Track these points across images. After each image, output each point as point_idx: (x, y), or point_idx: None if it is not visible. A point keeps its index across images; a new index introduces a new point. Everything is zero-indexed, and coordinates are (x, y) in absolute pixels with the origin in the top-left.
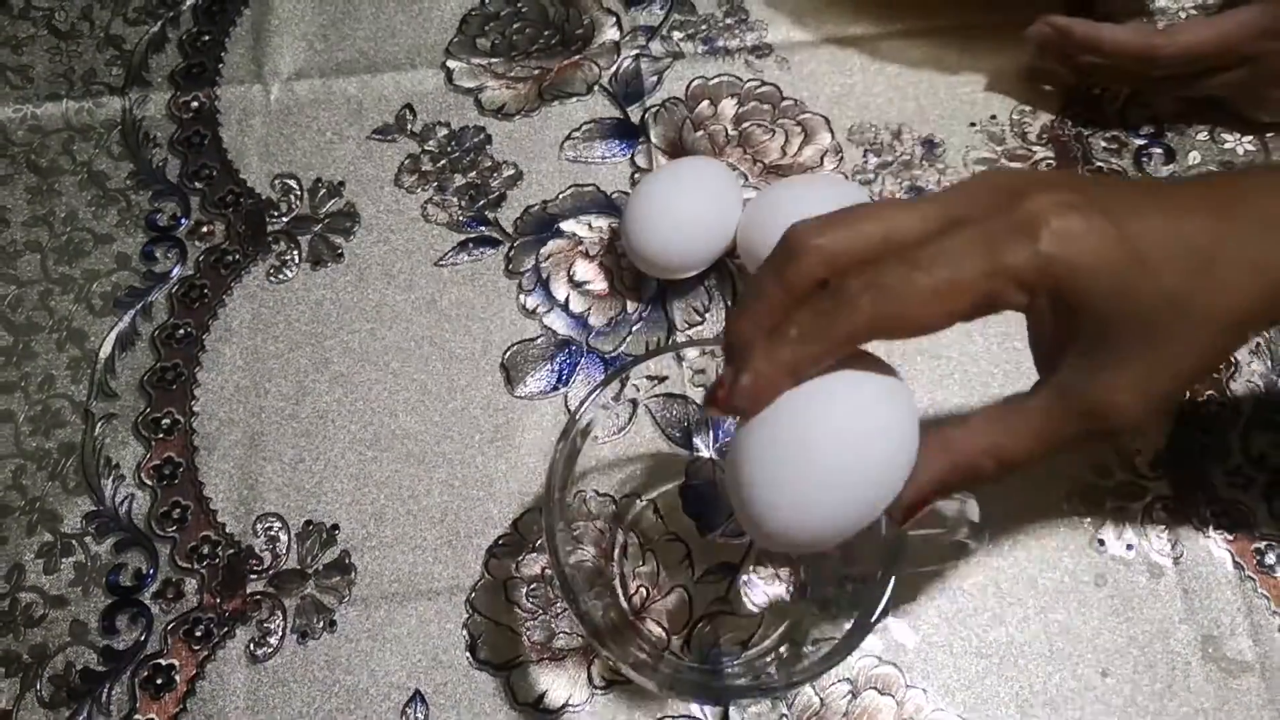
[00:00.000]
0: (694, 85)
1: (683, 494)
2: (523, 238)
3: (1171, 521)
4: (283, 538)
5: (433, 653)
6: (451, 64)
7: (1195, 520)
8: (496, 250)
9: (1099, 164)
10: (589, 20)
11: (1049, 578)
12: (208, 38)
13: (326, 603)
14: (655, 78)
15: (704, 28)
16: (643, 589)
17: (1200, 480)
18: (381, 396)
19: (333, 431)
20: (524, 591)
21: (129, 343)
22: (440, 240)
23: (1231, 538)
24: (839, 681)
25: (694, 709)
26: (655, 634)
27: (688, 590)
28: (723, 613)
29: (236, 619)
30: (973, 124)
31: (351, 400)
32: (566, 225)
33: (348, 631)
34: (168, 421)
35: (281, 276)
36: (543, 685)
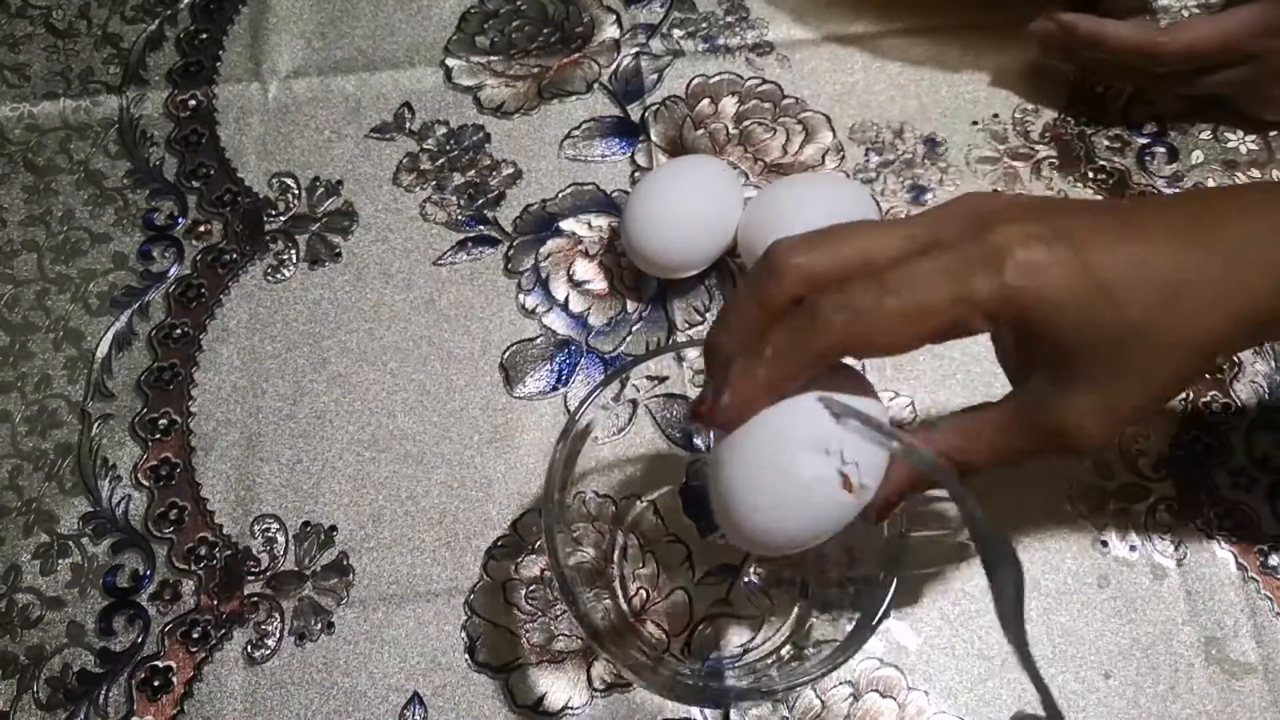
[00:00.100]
0: (694, 83)
1: (683, 495)
2: (522, 237)
3: (1175, 523)
4: (280, 539)
5: (431, 655)
6: (450, 62)
7: (1199, 522)
8: (495, 249)
9: (1102, 162)
10: (589, 18)
11: (1052, 579)
12: (205, 36)
13: (324, 604)
14: (655, 76)
15: (704, 25)
16: (643, 591)
17: (1204, 482)
18: (380, 397)
19: (331, 432)
20: (523, 593)
21: (126, 343)
22: (439, 239)
23: (1235, 539)
24: (840, 684)
25: (694, 712)
26: (655, 636)
27: (688, 592)
28: (723, 615)
29: (234, 620)
30: (975, 122)
31: (349, 400)
32: (566, 224)
33: (346, 633)
34: (165, 422)
35: (279, 276)
36: (542, 687)
